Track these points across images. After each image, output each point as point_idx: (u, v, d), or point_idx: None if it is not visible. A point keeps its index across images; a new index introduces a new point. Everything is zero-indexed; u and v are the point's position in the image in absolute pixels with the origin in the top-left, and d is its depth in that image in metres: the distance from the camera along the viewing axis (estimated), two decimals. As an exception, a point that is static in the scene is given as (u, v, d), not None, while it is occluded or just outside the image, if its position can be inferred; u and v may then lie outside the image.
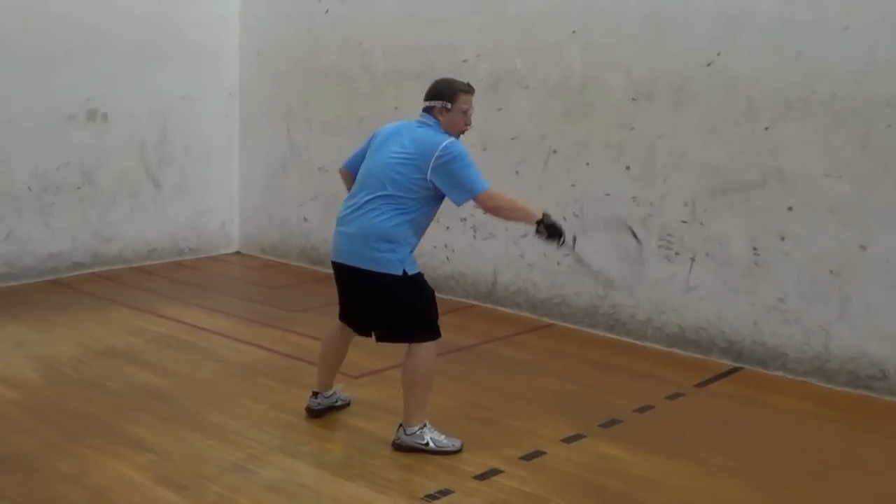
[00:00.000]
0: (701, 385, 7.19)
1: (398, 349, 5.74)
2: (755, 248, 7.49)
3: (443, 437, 5.74)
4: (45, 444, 5.68)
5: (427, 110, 5.78)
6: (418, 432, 5.71)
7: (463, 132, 5.85)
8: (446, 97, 5.74)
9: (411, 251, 5.66)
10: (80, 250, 10.24)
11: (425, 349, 5.67)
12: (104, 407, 6.35)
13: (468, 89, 5.83)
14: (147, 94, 10.63)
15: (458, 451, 5.71)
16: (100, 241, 10.42)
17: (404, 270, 5.57)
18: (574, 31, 8.43)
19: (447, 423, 5.98)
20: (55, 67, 9.79)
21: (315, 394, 6.28)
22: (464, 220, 9.18)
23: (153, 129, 10.79)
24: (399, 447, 5.73)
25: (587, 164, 8.43)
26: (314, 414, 6.25)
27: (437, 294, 5.86)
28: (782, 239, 7.34)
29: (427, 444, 5.68)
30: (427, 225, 5.76)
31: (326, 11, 10.52)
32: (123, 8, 10.27)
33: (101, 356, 7.43)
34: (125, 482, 5.19)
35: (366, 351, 6.33)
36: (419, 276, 5.69)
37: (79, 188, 10.16)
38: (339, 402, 6.38)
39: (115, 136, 10.40)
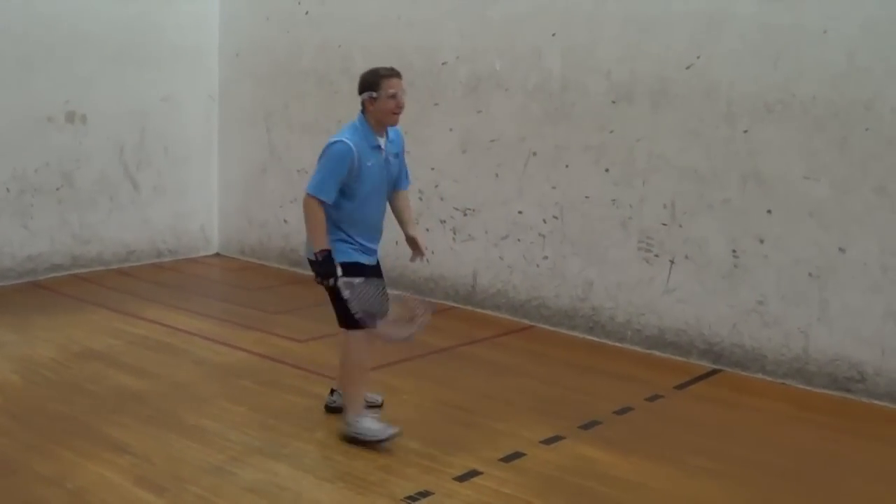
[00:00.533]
0: (680, 387, 7.21)
1: (379, 354, 5.75)
2: (734, 251, 7.52)
3: (376, 425, 5.84)
4: (23, 445, 5.66)
5: (361, 107, 5.90)
6: (354, 423, 5.80)
7: (396, 114, 5.87)
8: (370, 86, 5.85)
9: (340, 240, 5.77)
10: (58, 252, 10.20)
11: (350, 337, 5.83)
12: (83, 409, 6.32)
13: (391, 73, 5.91)
14: (126, 95, 10.59)
15: (395, 435, 5.77)
16: (79, 242, 10.38)
17: None
18: (554, 34, 8.45)
19: (427, 424, 5.99)
20: (34, 69, 9.75)
21: (332, 391, 6.41)
22: (443, 222, 9.19)
23: (132, 131, 10.75)
24: (345, 439, 5.83)
25: (567, 166, 8.45)
26: (328, 410, 6.37)
27: (417, 295, 5.87)
28: (761, 241, 7.37)
29: (361, 434, 5.79)
30: (353, 216, 5.84)
31: (306, 13, 10.51)
32: (103, 10, 10.24)
33: (81, 358, 7.40)
34: (105, 484, 5.17)
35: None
36: (347, 265, 5.73)
37: (58, 189, 10.12)
38: (366, 403, 6.16)
39: (94, 138, 10.36)
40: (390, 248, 7.05)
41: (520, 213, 8.79)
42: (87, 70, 10.18)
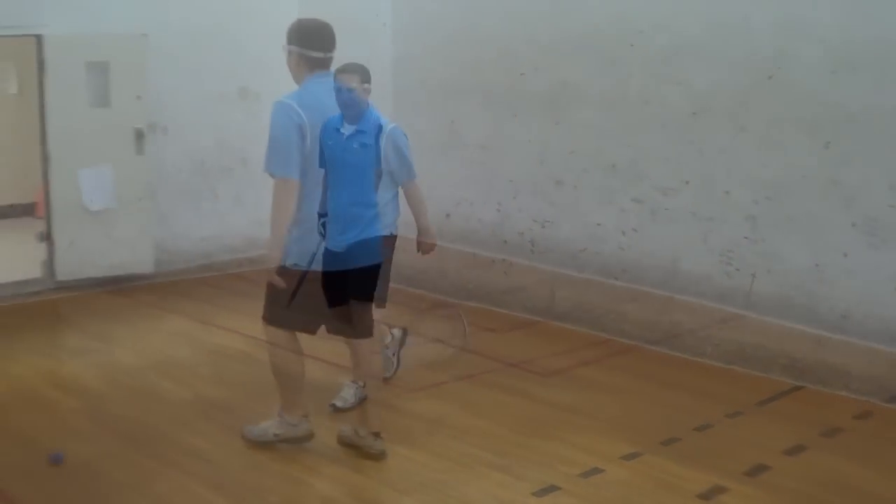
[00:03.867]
0: (762, 403, 7.08)
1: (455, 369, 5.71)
2: (817, 265, 7.39)
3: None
4: (105, 452, 5.75)
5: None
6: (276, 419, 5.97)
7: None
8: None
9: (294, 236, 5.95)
10: (141, 261, 10.31)
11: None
12: (163, 417, 6.41)
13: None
14: (204, 110, 10.70)
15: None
16: (160, 251, 10.49)
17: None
18: (632, 45, 8.39)
19: (504, 439, 5.97)
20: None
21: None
22: (521, 233, 9.15)
23: (210, 142, 10.85)
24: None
25: (647, 178, 8.38)
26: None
27: (494, 308, 5.83)
28: (845, 255, 7.24)
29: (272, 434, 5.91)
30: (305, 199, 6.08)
31: (384, 25, 10.55)
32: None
33: (161, 366, 7.49)
34: (184, 492, 5.23)
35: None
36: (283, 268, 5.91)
37: (139, 200, 10.23)
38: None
39: (175, 149, 10.49)
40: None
41: (598, 225, 8.73)
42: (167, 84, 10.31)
